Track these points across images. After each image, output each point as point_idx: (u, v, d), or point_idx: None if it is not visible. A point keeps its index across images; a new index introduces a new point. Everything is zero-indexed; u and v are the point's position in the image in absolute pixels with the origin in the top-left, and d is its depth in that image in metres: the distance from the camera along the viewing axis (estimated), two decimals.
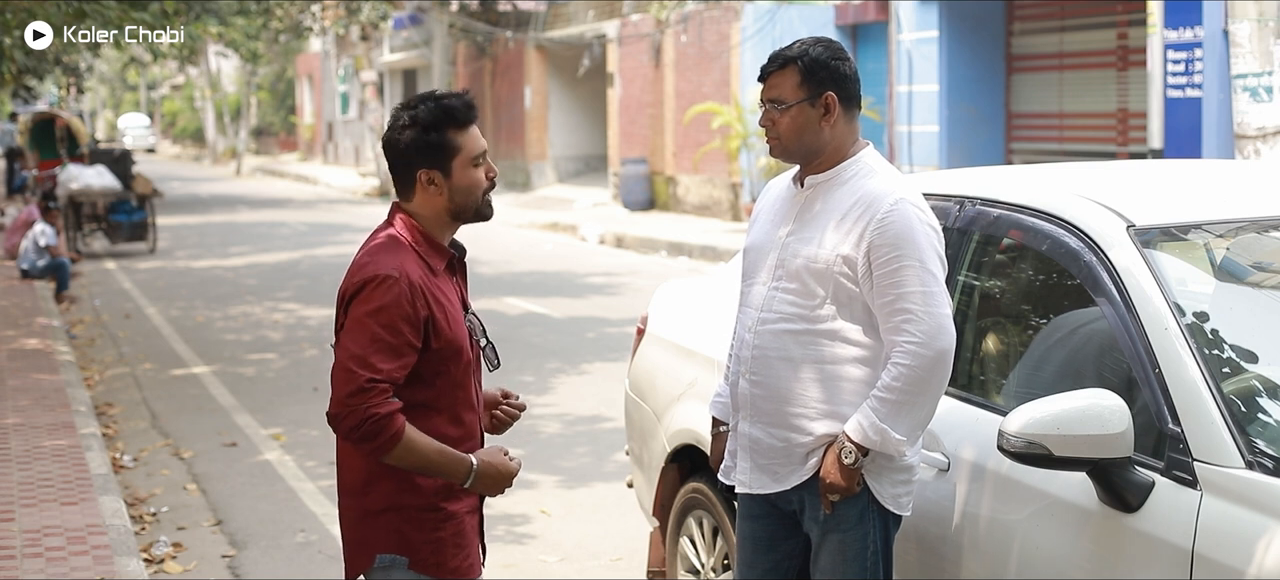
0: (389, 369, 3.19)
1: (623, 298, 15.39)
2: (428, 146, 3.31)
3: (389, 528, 3.33)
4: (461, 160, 3.32)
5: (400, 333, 3.21)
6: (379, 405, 3.17)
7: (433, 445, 3.26)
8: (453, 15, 34.44)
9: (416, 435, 3.23)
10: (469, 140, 3.33)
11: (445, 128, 3.31)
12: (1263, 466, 3.09)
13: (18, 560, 5.78)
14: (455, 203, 3.34)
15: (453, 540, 3.36)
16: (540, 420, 9.24)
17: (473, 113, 3.35)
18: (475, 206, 3.37)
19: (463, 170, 3.33)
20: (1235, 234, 3.71)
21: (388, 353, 3.20)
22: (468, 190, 3.34)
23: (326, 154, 49.86)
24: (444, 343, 3.29)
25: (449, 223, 3.38)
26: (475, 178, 3.34)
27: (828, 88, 3.65)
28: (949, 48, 19.77)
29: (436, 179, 3.32)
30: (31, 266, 15.63)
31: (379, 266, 3.25)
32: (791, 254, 3.68)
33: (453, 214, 3.36)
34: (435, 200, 3.34)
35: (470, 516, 3.44)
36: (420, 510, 3.33)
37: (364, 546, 3.35)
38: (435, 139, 3.30)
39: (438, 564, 3.34)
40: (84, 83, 45.86)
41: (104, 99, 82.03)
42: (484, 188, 3.36)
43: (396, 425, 3.19)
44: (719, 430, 4.02)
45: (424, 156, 3.31)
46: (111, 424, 9.40)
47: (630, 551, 6.54)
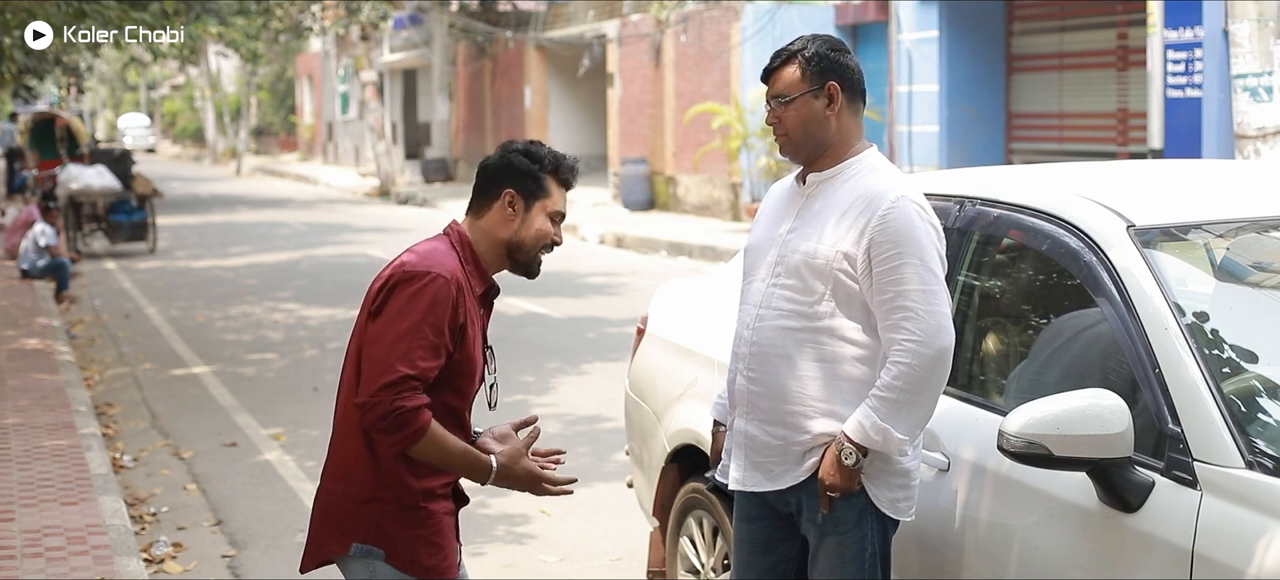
0: (426, 367, 3.29)
1: (623, 298, 15.39)
2: (526, 174, 3.49)
3: (369, 519, 3.39)
4: (543, 205, 3.50)
5: (443, 333, 3.32)
6: (408, 399, 3.26)
7: (457, 444, 3.37)
8: (453, 15, 34.44)
9: (441, 432, 3.33)
10: (558, 195, 3.54)
11: (549, 172, 3.50)
12: (1263, 466, 3.09)
13: (18, 560, 5.78)
14: (519, 238, 3.49)
15: (430, 539, 3.43)
16: (540, 420, 9.23)
17: (573, 177, 3.56)
18: (530, 254, 3.53)
19: (540, 214, 3.50)
20: (1235, 234, 3.71)
21: (428, 351, 3.29)
22: (535, 236, 3.51)
23: (326, 154, 49.86)
24: (464, 356, 3.39)
25: (503, 256, 3.52)
26: (544, 228, 3.51)
27: (831, 77, 3.66)
28: (949, 48, 19.77)
29: (517, 205, 3.48)
30: (31, 266, 15.63)
31: (434, 264, 3.35)
32: (791, 250, 3.68)
33: (510, 248, 3.50)
34: (506, 225, 3.49)
35: (448, 518, 3.52)
36: (401, 507, 3.39)
37: (343, 533, 3.42)
38: (536, 172, 3.49)
39: (413, 561, 3.41)
40: (84, 83, 45.87)
41: (104, 99, 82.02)
42: (546, 242, 3.53)
43: (422, 420, 3.28)
44: (719, 430, 4.02)
45: (518, 180, 3.48)
46: (111, 424, 9.40)
47: (630, 551, 6.54)
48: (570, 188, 3.57)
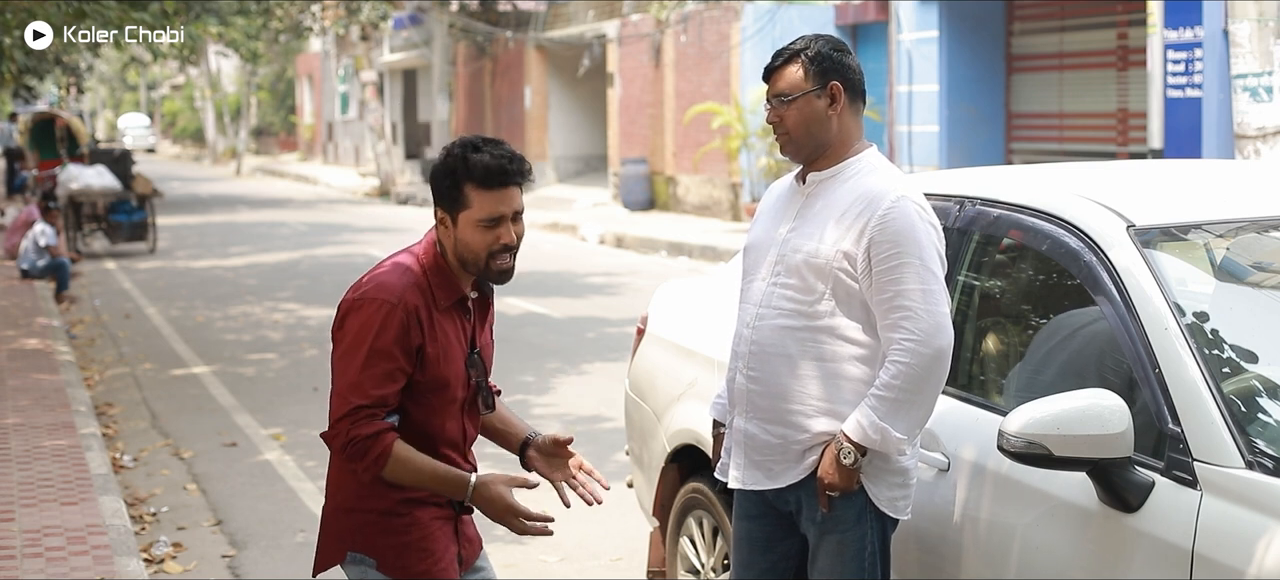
0: (380, 394, 3.25)
1: (623, 298, 15.39)
2: (442, 189, 3.30)
3: (355, 528, 3.39)
4: (468, 217, 3.26)
5: (393, 357, 3.25)
6: (364, 427, 3.24)
7: (427, 463, 3.31)
8: (453, 15, 34.43)
9: (409, 454, 3.29)
10: (484, 201, 3.25)
11: (464, 182, 3.25)
12: (1263, 466, 3.09)
13: (18, 560, 5.78)
14: (458, 253, 3.32)
15: (417, 545, 3.39)
16: (540, 420, 9.24)
17: (502, 179, 3.24)
18: (478, 267, 3.31)
19: (467, 227, 3.28)
20: (1235, 234, 3.70)
21: (381, 378, 3.24)
22: (469, 246, 3.29)
23: (326, 154, 49.85)
24: (428, 377, 3.31)
25: (461, 268, 3.36)
26: (479, 239, 3.27)
27: (833, 77, 3.66)
28: (949, 48, 19.77)
29: (446, 223, 3.33)
30: (31, 266, 15.63)
31: (379, 290, 3.28)
32: (792, 250, 3.68)
33: (460, 262, 3.34)
34: (448, 239, 3.34)
35: (440, 523, 3.44)
36: (382, 514, 3.37)
37: (340, 541, 3.42)
38: (449, 186, 3.28)
39: (402, 567, 3.38)
40: (84, 83, 45.86)
41: (104, 99, 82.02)
42: (490, 251, 3.28)
43: (383, 445, 3.25)
44: (719, 431, 4.02)
45: (439, 196, 3.32)
46: (111, 424, 9.40)
47: (630, 551, 6.54)
48: (499, 187, 3.24)
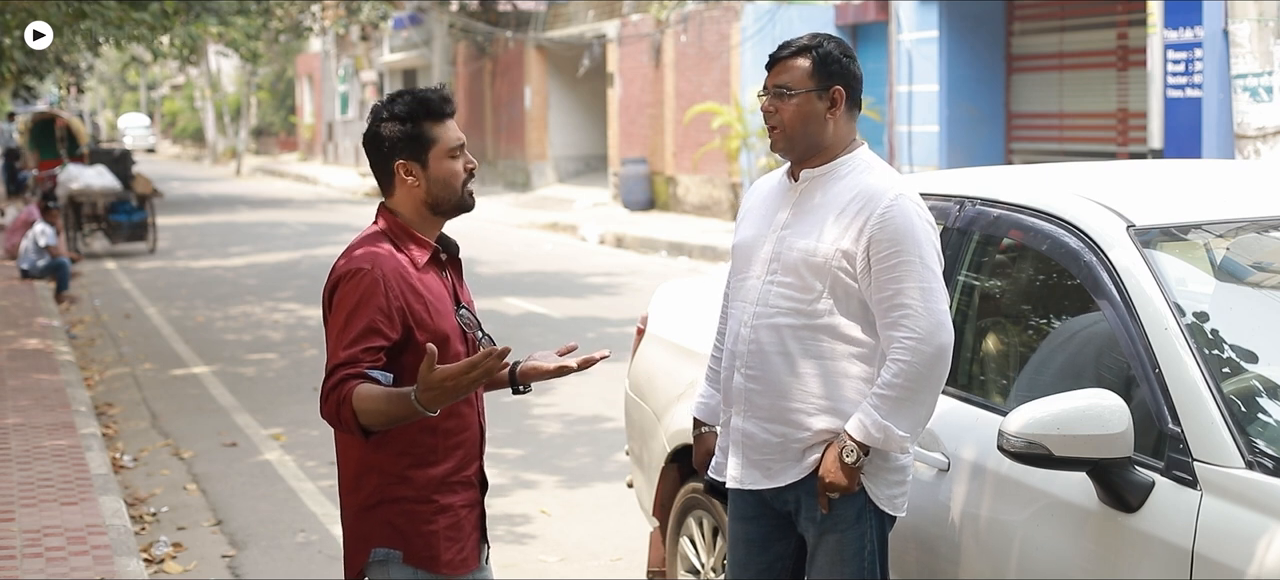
0: (348, 354, 3.21)
1: (623, 298, 15.39)
2: (405, 139, 3.35)
3: (383, 521, 3.34)
4: (438, 152, 3.36)
5: (369, 317, 3.23)
6: (333, 386, 3.19)
7: (381, 392, 3.17)
8: (453, 15, 34.43)
9: (367, 390, 3.16)
10: (445, 133, 3.37)
11: (422, 120, 3.35)
12: (1263, 466, 3.09)
13: (18, 560, 5.78)
14: (433, 195, 3.37)
15: (447, 533, 3.36)
16: (540, 420, 9.24)
17: (449, 106, 3.39)
18: (455, 199, 3.40)
19: (439, 162, 3.36)
20: (1235, 234, 3.70)
21: (354, 339, 3.21)
22: (445, 182, 3.37)
23: (326, 154, 49.84)
24: (428, 333, 3.28)
25: (429, 216, 3.41)
26: (452, 168, 3.37)
27: (837, 81, 3.66)
28: (949, 48, 19.76)
29: (414, 171, 3.36)
30: (31, 266, 15.63)
31: (357, 260, 3.30)
32: (788, 247, 3.67)
33: (432, 206, 3.39)
34: (414, 193, 3.38)
35: (467, 510, 3.44)
36: (412, 502, 3.33)
37: (362, 541, 3.37)
38: (412, 131, 3.34)
39: (432, 557, 3.34)
40: (84, 83, 45.83)
41: (104, 99, 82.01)
42: (462, 178, 3.39)
43: (344, 390, 3.17)
44: (701, 432, 4.02)
45: (402, 149, 3.35)
46: (111, 424, 9.40)
47: (630, 551, 6.54)
48: (449, 116, 3.38)
